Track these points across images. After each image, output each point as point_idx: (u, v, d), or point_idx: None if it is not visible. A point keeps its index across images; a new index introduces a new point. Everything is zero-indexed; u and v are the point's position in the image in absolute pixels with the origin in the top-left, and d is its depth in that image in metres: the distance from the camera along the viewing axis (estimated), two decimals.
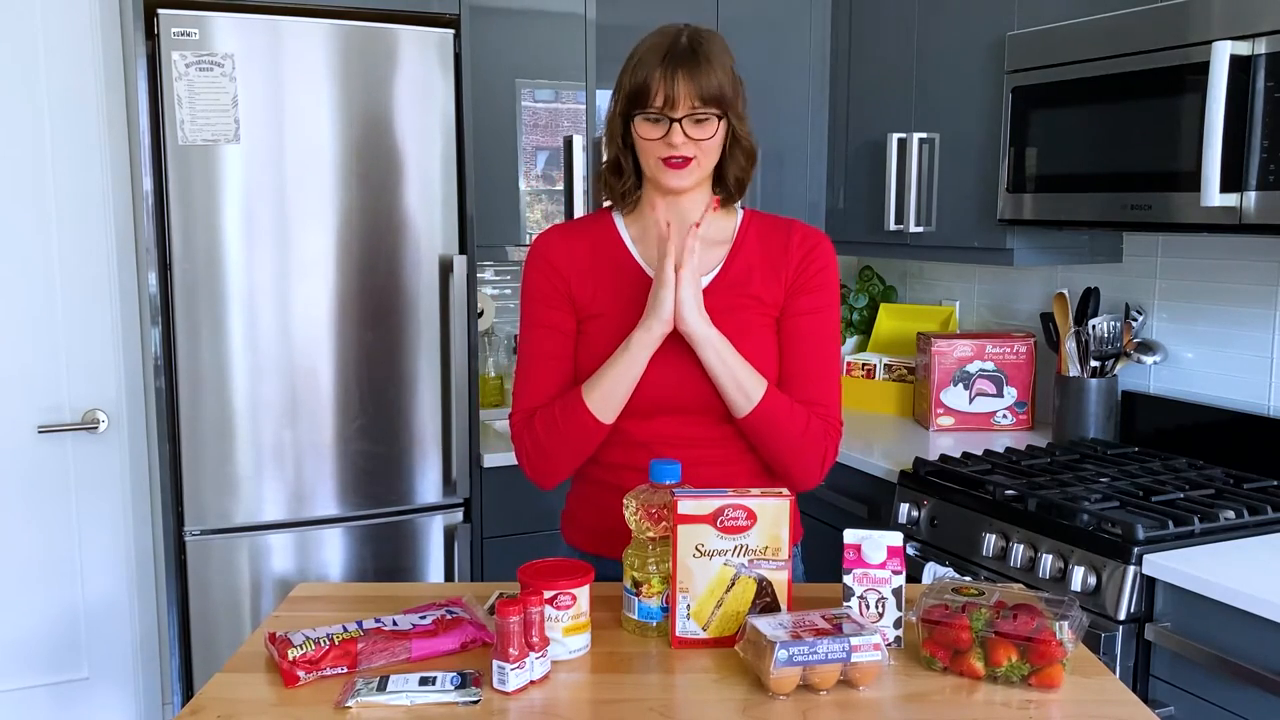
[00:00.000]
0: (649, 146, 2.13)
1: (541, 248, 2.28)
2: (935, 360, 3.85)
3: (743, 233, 2.26)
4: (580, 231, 2.31)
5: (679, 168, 2.12)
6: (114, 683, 3.67)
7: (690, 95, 2.08)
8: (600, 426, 2.16)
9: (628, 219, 2.28)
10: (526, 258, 2.29)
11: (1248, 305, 3.22)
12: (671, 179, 2.14)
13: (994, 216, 3.43)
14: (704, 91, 2.08)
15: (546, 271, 2.25)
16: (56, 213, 3.42)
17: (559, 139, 3.88)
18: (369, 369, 3.41)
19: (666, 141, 2.10)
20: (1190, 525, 2.67)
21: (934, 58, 3.76)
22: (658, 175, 2.15)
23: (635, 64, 2.14)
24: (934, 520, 3.14)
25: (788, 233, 2.27)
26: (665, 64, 2.09)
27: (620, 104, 2.17)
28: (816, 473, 2.22)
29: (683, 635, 1.88)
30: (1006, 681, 1.76)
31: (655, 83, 2.09)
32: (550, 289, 2.25)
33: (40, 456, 3.47)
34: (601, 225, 2.30)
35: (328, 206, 3.31)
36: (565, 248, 2.26)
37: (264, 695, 1.73)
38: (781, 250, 2.24)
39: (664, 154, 2.11)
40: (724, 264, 2.23)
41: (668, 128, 2.09)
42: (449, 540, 3.56)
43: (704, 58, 2.10)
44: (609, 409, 2.15)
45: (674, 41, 2.13)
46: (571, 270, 2.24)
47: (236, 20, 3.16)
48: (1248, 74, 2.60)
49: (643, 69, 2.11)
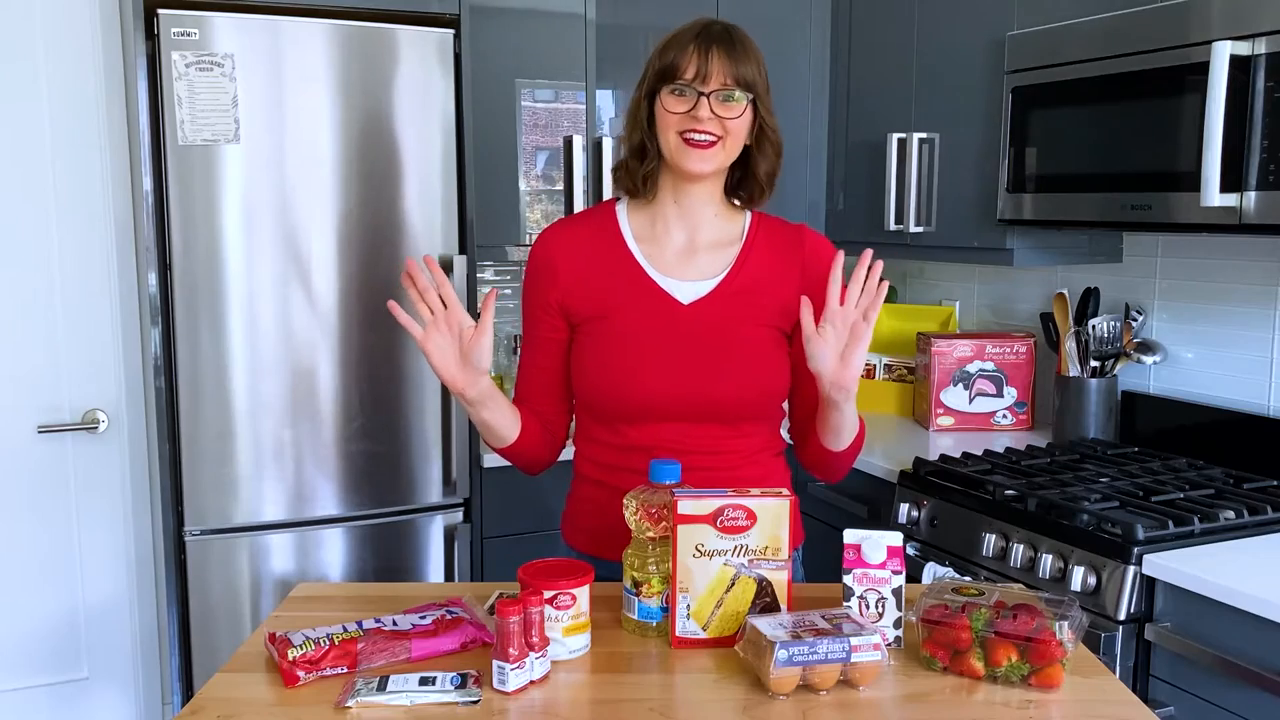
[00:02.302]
0: (673, 120, 2.10)
1: (540, 249, 2.27)
2: (935, 360, 3.86)
3: (751, 235, 2.25)
4: (581, 227, 2.29)
5: (703, 148, 2.10)
6: (114, 683, 3.67)
7: (723, 73, 2.08)
8: (502, 451, 2.29)
9: (633, 213, 2.26)
10: (529, 256, 2.29)
11: (1248, 305, 3.22)
12: (694, 160, 2.11)
13: (994, 216, 3.43)
14: (737, 71, 2.08)
15: (542, 279, 2.26)
16: (57, 213, 3.42)
17: (559, 139, 3.88)
18: (369, 369, 3.41)
19: (693, 115, 2.08)
20: (1190, 525, 2.67)
21: (934, 57, 3.76)
22: (678, 157, 2.12)
23: (666, 45, 2.13)
24: (934, 520, 3.14)
25: (799, 240, 2.26)
26: (700, 40, 2.09)
27: (648, 83, 2.15)
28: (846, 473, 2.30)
29: (683, 635, 1.88)
30: (1006, 681, 1.76)
31: (688, 56, 2.08)
32: (542, 299, 2.25)
33: (40, 456, 3.47)
34: (603, 220, 2.27)
35: (328, 206, 3.31)
36: (565, 248, 2.25)
37: (264, 695, 1.73)
38: (792, 258, 2.24)
39: (687, 127, 2.09)
40: (733, 267, 2.21)
41: (695, 101, 2.08)
42: (449, 540, 3.56)
43: (739, 42, 2.12)
44: (490, 438, 2.25)
45: (710, 23, 2.14)
46: (570, 272, 2.22)
47: (236, 20, 3.16)
48: (1248, 74, 2.60)
49: (675, 45, 2.11)
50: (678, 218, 2.22)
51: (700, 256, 2.22)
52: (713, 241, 2.23)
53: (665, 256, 2.22)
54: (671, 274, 2.20)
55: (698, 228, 2.23)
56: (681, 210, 2.22)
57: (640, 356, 2.16)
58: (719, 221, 2.24)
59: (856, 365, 1.97)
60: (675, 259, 2.22)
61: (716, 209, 2.24)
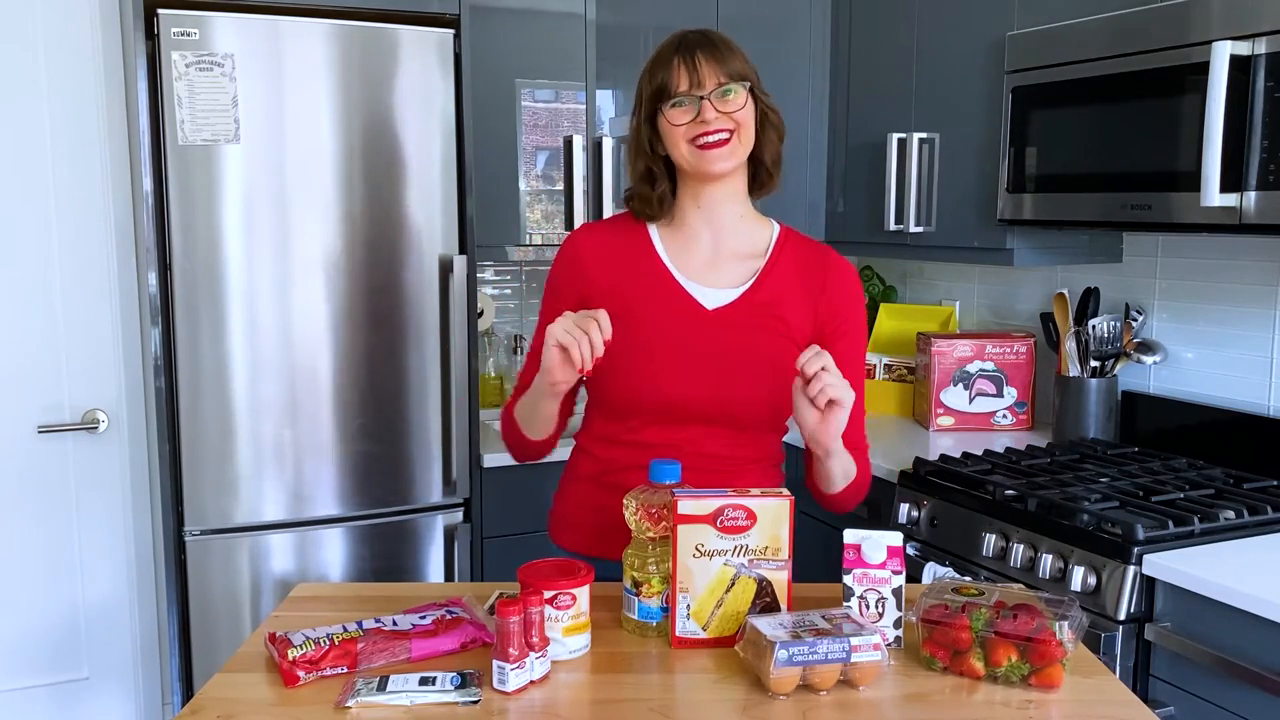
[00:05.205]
0: (681, 132, 2.13)
1: (571, 246, 2.32)
2: (935, 360, 3.85)
3: (778, 250, 2.27)
4: (612, 229, 2.33)
5: (717, 146, 2.12)
6: (114, 683, 3.67)
7: (714, 73, 2.11)
8: (529, 441, 2.29)
9: (662, 230, 2.28)
10: (558, 252, 2.34)
11: (1248, 305, 3.22)
12: (713, 161, 2.13)
13: (994, 216, 3.43)
14: (726, 68, 2.12)
15: (568, 270, 2.30)
16: (57, 213, 3.42)
17: (559, 139, 3.89)
18: (369, 369, 3.41)
19: (699, 120, 2.11)
20: (1190, 525, 2.67)
21: (934, 57, 3.76)
22: (697, 163, 2.14)
23: (652, 68, 2.18)
24: (934, 520, 3.14)
25: (824, 261, 2.29)
26: (682, 51, 2.13)
27: (645, 106, 2.18)
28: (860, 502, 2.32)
29: (683, 635, 1.88)
30: (1006, 681, 1.76)
31: (676, 70, 2.12)
32: (566, 289, 2.28)
33: (40, 456, 3.47)
34: (633, 225, 2.30)
35: (327, 206, 3.31)
36: (596, 242, 2.30)
37: (264, 695, 1.73)
38: (817, 281, 2.26)
39: (697, 133, 2.11)
40: (757, 279, 2.23)
41: (697, 108, 2.10)
42: (449, 540, 3.57)
43: (719, 43, 2.15)
44: (532, 430, 2.26)
45: (685, 34, 2.18)
46: (598, 264, 2.26)
47: (236, 20, 3.17)
48: (1248, 74, 2.60)
49: (660, 65, 2.15)
50: (702, 222, 2.25)
51: (726, 265, 2.24)
52: (739, 251, 2.25)
53: (692, 263, 2.25)
54: (697, 279, 2.23)
55: (722, 231, 2.25)
56: (705, 213, 2.24)
57: (660, 356, 2.18)
58: (744, 226, 2.27)
59: (834, 427, 2.01)
60: (702, 265, 2.24)
61: (741, 209, 2.27)
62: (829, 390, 1.94)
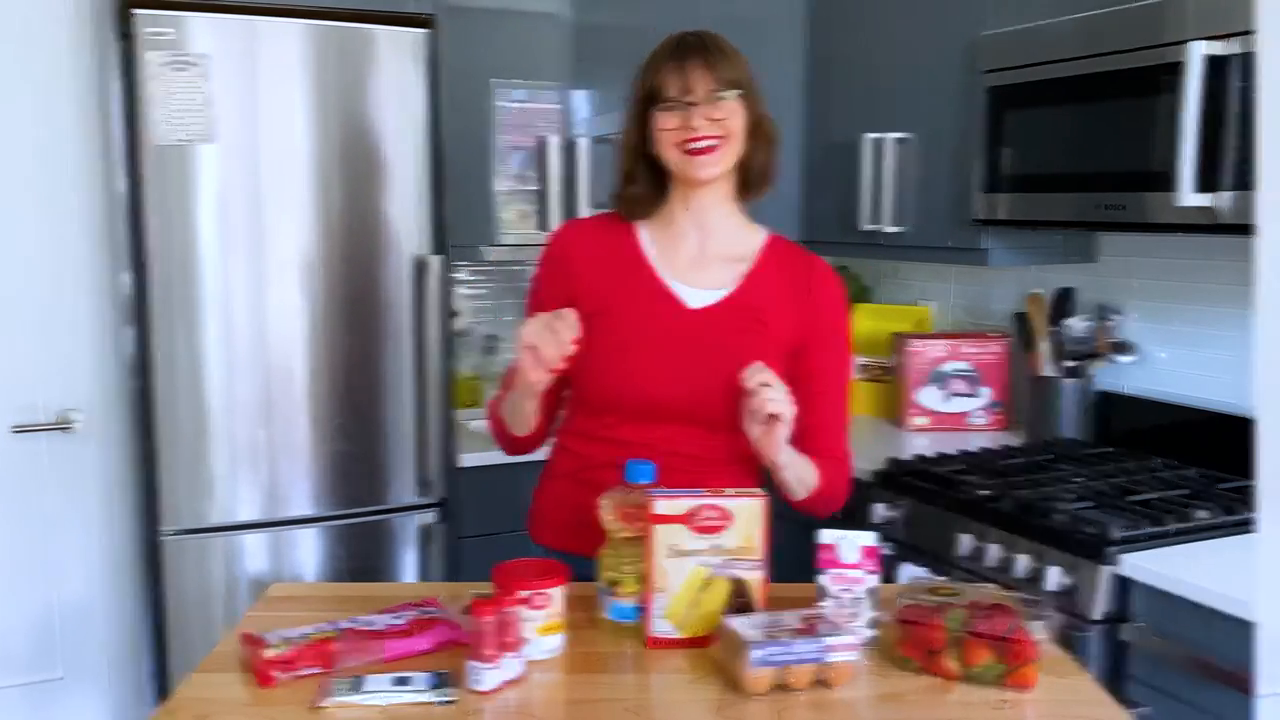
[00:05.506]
0: (669, 137, 2.14)
1: (556, 243, 2.33)
2: (910, 360, 3.87)
3: (765, 255, 2.28)
4: (599, 225, 2.35)
5: (705, 153, 2.13)
6: (88, 683, 3.64)
7: (706, 81, 2.11)
8: (514, 436, 2.30)
9: (650, 228, 2.29)
10: (544, 249, 2.35)
11: (1222, 305, 3.23)
12: (699, 168, 2.14)
13: (969, 216, 3.43)
14: (718, 76, 2.12)
15: (553, 268, 2.31)
16: (32, 212, 3.39)
17: (534, 139, 3.88)
18: (344, 369, 3.40)
19: (687, 126, 2.11)
20: (1165, 525, 2.68)
21: (908, 58, 3.76)
22: (684, 167, 2.15)
23: (646, 68, 2.18)
24: (909, 520, 3.15)
25: (809, 269, 2.30)
26: (675, 56, 2.14)
27: (636, 108, 2.19)
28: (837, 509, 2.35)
29: (657, 635, 1.88)
30: (981, 681, 1.76)
31: (668, 75, 2.12)
32: (551, 284, 2.29)
33: (14, 456, 3.45)
34: (623, 225, 2.31)
35: (303, 206, 3.30)
36: (582, 238, 2.32)
37: (239, 696, 1.73)
38: (803, 289, 2.27)
39: (684, 138, 2.12)
40: (742, 282, 2.24)
41: (685, 114, 2.11)
42: (425, 540, 3.56)
43: (715, 48, 2.15)
44: (515, 426, 2.27)
45: (683, 37, 2.18)
46: (582, 260, 2.26)
47: (211, 20, 3.15)
48: (1222, 74, 2.61)
49: (654, 67, 2.16)
50: (690, 223, 2.26)
51: (712, 266, 2.25)
52: (726, 253, 2.26)
53: (678, 262, 2.26)
54: (682, 279, 2.24)
55: (710, 232, 2.26)
56: (693, 214, 2.25)
57: (638, 353, 2.18)
58: (731, 227, 2.28)
59: (777, 440, 2.03)
60: (687, 265, 2.25)
61: (728, 210, 2.27)
62: (769, 405, 1.97)
